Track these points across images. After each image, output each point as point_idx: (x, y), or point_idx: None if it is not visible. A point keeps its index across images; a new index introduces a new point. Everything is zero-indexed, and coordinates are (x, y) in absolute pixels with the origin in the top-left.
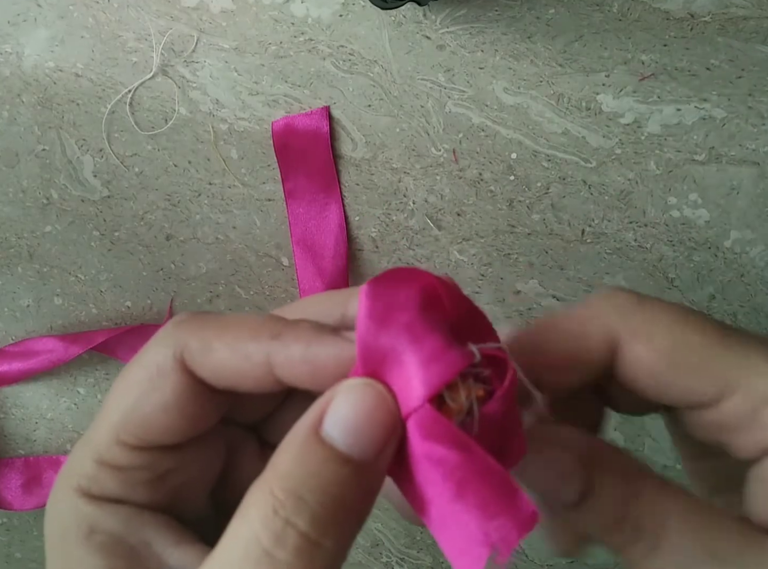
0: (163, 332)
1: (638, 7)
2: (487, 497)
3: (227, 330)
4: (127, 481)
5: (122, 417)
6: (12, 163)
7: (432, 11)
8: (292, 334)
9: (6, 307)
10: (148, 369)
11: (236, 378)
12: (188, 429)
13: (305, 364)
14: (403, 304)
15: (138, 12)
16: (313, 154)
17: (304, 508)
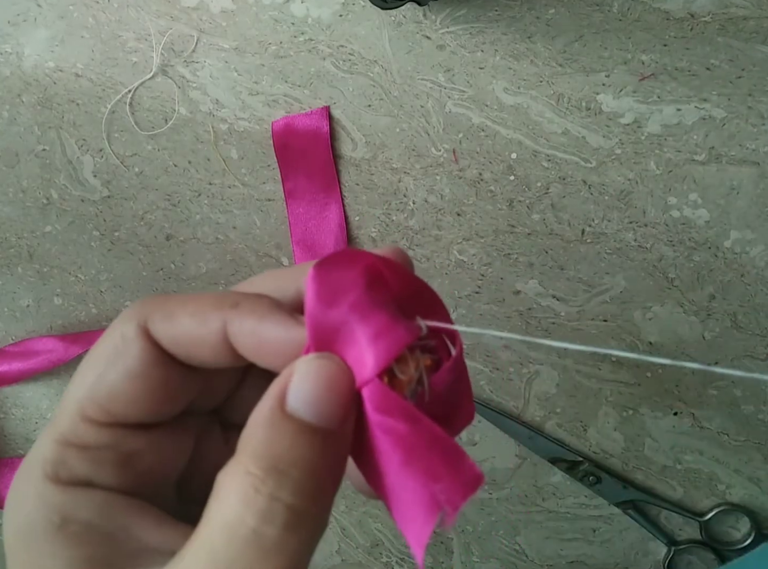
0: (124, 311)
1: (638, 7)
2: (433, 463)
3: (190, 301)
4: (94, 461)
5: (87, 390)
6: (12, 163)
7: (432, 11)
8: (249, 306)
9: (6, 307)
10: (113, 339)
11: (194, 346)
12: (154, 405)
13: (255, 337)
14: (348, 285)
15: (138, 12)
16: (313, 154)
17: (287, 481)
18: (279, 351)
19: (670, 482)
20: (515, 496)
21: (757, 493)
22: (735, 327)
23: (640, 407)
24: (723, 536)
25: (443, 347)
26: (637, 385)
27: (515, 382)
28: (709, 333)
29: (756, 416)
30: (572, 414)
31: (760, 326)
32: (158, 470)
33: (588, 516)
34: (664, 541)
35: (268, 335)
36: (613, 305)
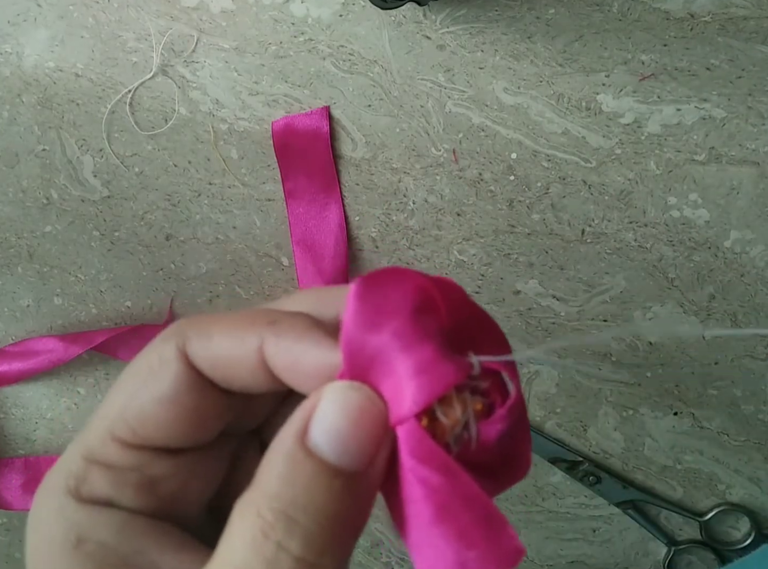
0: (166, 330)
1: (638, 7)
2: (468, 525)
3: (226, 319)
4: (117, 482)
5: (118, 410)
6: (12, 163)
7: (432, 11)
8: (286, 323)
9: (6, 307)
10: (149, 360)
11: (231, 367)
12: (186, 431)
13: (291, 357)
14: (393, 307)
15: (138, 12)
16: (313, 154)
17: (296, 530)
18: (315, 374)
19: (670, 482)
20: (515, 496)
21: (757, 493)
22: (735, 327)
23: (640, 407)
24: (723, 536)
25: (498, 389)
26: (637, 385)
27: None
28: None
29: (756, 416)
30: (572, 414)
31: (760, 326)
32: (185, 495)
33: (588, 516)
34: (664, 541)
35: (304, 355)
36: (613, 305)
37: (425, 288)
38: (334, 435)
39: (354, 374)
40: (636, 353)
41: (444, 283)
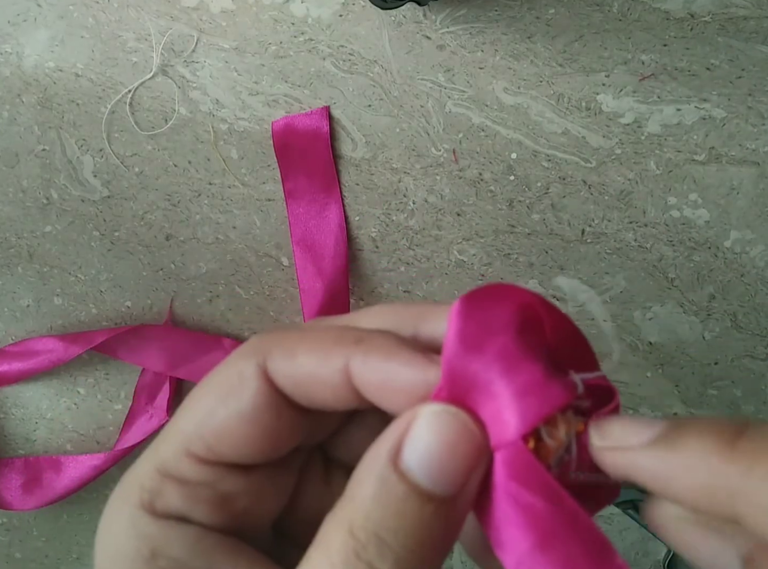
0: (245, 345)
1: (638, 7)
2: (574, 555)
3: (310, 337)
4: (191, 497)
5: (195, 425)
6: (12, 163)
7: (432, 11)
8: (374, 341)
9: (6, 307)
10: (228, 376)
11: (315, 386)
12: (262, 448)
13: (381, 376)
14: (498, 327)
15: (138, 12)
16: (313, 154)
17: (388, 553)
18: (407, 393)
19: None
20: None
21: None
22: (735, 327)
23: (640, 407)
24: None
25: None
26: (637, 385)
27: None
28: (709, 333)
29: (756, 416)
30: None
31: (760, 326)
32: (256, 511)
33: None
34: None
35: (395, 374)
36: (613, 305)
37: (529, 305)
38: (427, 459)
39: (452, 394)
40: (636, 353)
41: (547, 301)
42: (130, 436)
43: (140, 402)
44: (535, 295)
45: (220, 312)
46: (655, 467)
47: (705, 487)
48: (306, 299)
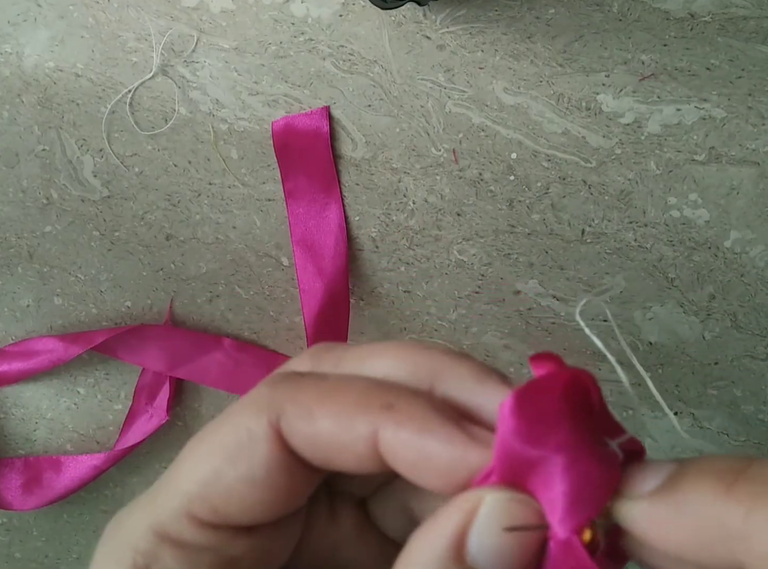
0: (255, 393)
1: (638, 7)
2: None
3: (331, 396)
4: (191, 562)
5: (199, 486)
6: (12, 163)
7: (432, 11)
8: (406, 409)
9: (6, 307)
10: (236, 433)
11: (336, 454)
12: (271, 510)
13: (415, 452)
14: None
15: (138, 12)
16: (313, 154)
17: None
18: (444, 471)
19: None
20: None
21: None
22: (735, 327)
23: (640, 407)
24: None
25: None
26: (637, 385)
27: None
28: (709, 333)
29: (756, 416)
30: None
31: (760, 326)
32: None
33: None
34: None
35: (431, 451)
36: (613, 305)
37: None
38: (497, 555)
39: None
40: (636, 353)
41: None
42: (130, 436)
43: (140, 402)
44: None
45: (220, 312)
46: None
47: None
48: (306, 299)
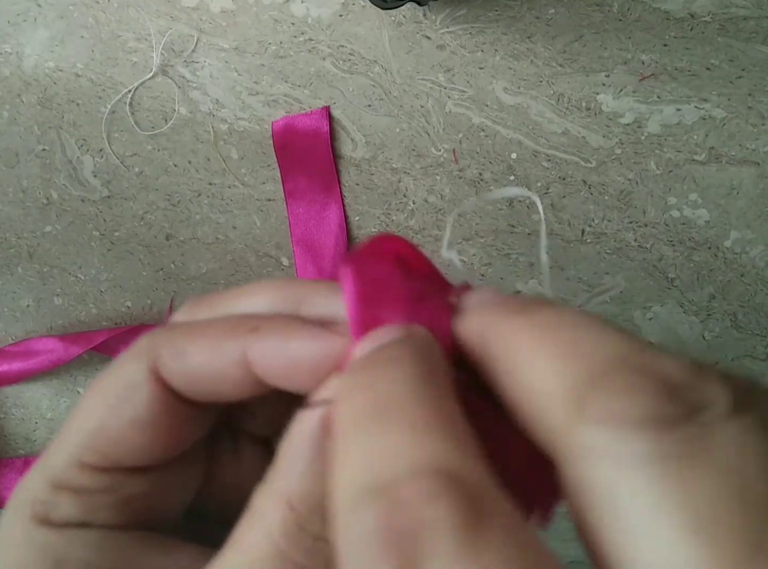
0: (134, 345)
1: (638, 7)
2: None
3: (201, 332)
4: (90, 504)
5: (86, 435)
6: (12, 163)
7: (432, 11)
8: (271, 326)
9: (6, 307)
10: (118, 381)
11: (213, 382)
12: (162, 450)
13: (283, 358)
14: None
15: (138, 12)
16: (313, 154)
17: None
18: (312, 369)
19: None
20: None
21: None
22: (735, 327)
23: None
24: None
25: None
26: None
27: None
28: (709, 333)
29: None
30: None
31: (760, 326)
32: (162, 504)
33: None
34: None
35: (298, 353)
36: (613, 305)
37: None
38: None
39: None
40: None
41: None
42: None
43: None
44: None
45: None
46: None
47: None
48: None
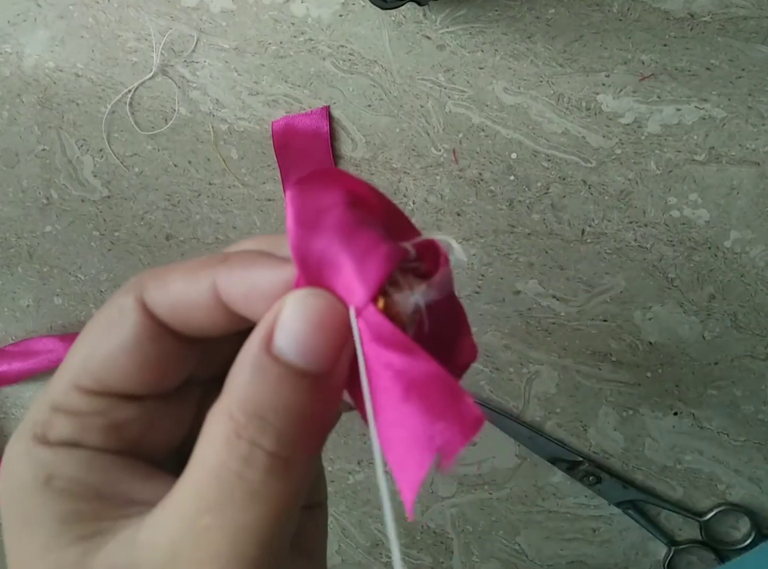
0: (125, 283)
1: (638, 7)
2: (432, 401)
3: (182, 266)
4: (82, 426)
5: (81, 359)
6: (12, 163)
7: (432, 11)
8: (237, 257)
9: (6, 307)
10: (110, 311)
11: (188, 309)
12: (148, 378)
13: (244, 285)
14: (330, 205)
15: (138, 12)
16: (313, 154)
17: (268, 428)
18: (269, 296)
19: (670, 482)
20: (515, 496)
21: (757, 493)
22: (735, 327)
23: (640, 407)
24: (723, 536)
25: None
26: (637, 385)
27: (515, 382)
28: (709, 333)
29: (756, 416)
30: (572, 414)
31: (760, 326)
32: (150, 438)
33: (588, 516)
34: (664, 541)
35: (255, 280)
36: (613, 305)
37: (354, 185)
38: (298, 339)
39: (309, 280)
40: (636, 353)
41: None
42: None
43: None
44: (360, 180)
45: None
46: None
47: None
48: None
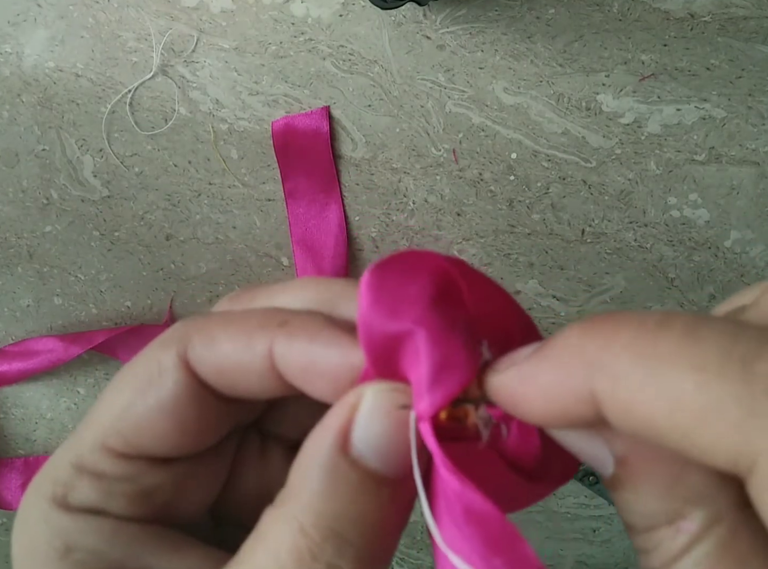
0: (168, 331)
1: (638, 7)
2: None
3: (233, 322)
4: (108, 491)
5: (112, 418)
6: (12, 163)
7: (432, 11)
8: (299, 323)
9: (6, 307)
10: (148, 366)
11: (239, 373)
12: (184, 441)
13: (304, 359)
14: (412, 296)
15: (138, 12)
16: (313, 154)
17: (346, 548)
18: (333, 376)
19: None
20: None
21: None
22: None
23: None
24: None
25: None
26: None
27: None
28: None
29: None
30: None
31: None
32: (182, 502)
33: (588, 516)
34: None
35: (320, 356)
36: (613, 305)
37: (444, 271)
38: (379, 442)
39: (379, 371)
40: None
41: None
42: None
43: None
44: (451, 259)
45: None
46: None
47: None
48: None
